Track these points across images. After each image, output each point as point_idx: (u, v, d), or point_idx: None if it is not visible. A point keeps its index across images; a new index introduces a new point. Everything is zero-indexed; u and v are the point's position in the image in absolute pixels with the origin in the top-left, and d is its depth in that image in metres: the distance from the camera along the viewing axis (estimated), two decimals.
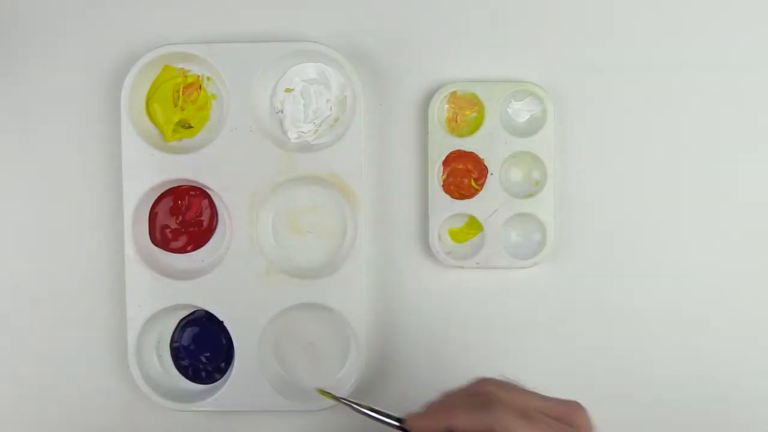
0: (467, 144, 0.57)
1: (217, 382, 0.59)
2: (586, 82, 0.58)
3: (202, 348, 0.59)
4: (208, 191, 0.59)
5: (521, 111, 0.58)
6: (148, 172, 0.57)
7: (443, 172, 0.57)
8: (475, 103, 0.57)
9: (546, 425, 0.42)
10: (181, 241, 0.59)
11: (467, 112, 0.58)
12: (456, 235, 0.58)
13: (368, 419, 0.48)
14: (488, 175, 0.57)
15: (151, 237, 0.59)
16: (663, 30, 0.58)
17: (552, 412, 0.43)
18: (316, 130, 0.58)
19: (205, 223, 0.59)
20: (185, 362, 0.59)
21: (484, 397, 0.42)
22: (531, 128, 0.57)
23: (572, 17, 0.58)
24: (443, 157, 0.57)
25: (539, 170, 0.57)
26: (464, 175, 0.57)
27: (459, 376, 0.59)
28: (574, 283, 0.58)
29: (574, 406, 0.43)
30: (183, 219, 0.59)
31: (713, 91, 0.58)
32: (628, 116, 0.58)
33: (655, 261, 0.58)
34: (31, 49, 0.59)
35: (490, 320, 0.59)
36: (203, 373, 0.59)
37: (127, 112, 0.56)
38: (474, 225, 0.58)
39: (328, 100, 0.58)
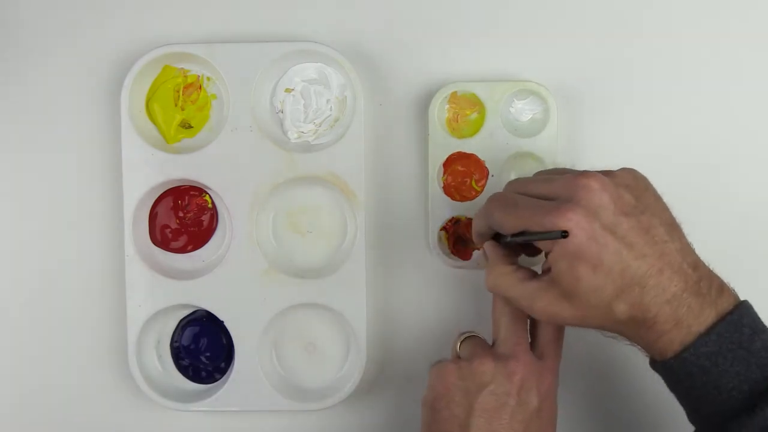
0: (468, 145, 0.57)
1: (217, 382, 0.59)
2: (588, 80, 0.58)
3: (202, 348, 0.59)
4: (208, 191, 0.58)
5: (524, 110, 0.58)
6: (148, 172, 0.57)
7: (444, 174, 0.57)
8: (475, 103, 0.57)
9: (524, 209, 0.45)
10: (181, 241, 0.59)
11: (468, 113, 0.58)
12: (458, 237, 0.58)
13: None
14: (489, 177, 0.57)
15: (151, 237, 0.59)
16: (665, 29, 0.58)
17: (555, 190, 0.44)
18: (316, 130, 0.58)
19: (205, 223, 0.59)
20: (185, 362, 0.59)
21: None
22: (533, 128, 0.57)
23: (573, 16, 0.58)
24: (444, 159, 0.57)
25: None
26: (465, 176, 0.57)
27: None
28: None
29: (575, 180, 0.44)
30: (183, 219, 0.59)
31: (716, 91, 0.58)
32: (631, 114, 0.58)
33: None
34: (31, 50, 0.59)
35: (490, 321, 0.59)
36: (203, 373, 0.59)
37: (127, 112, 0.56)
38: None
39: (328, 100, 0.58)
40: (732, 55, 0.58)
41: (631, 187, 0.44)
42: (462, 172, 0.57)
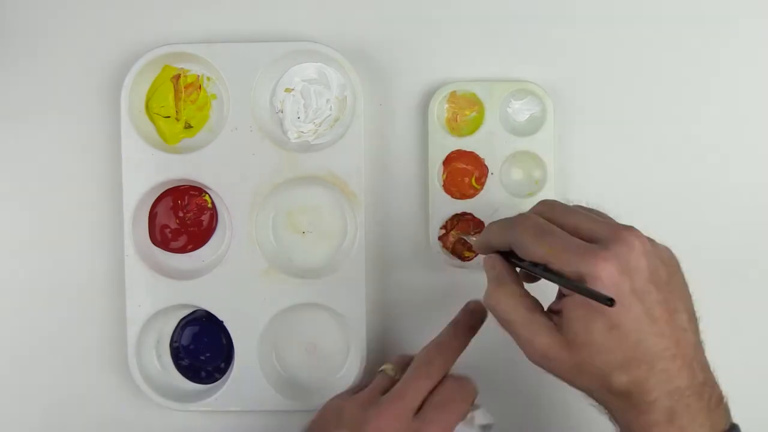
0: (467, 144, 0.57)
1: (217, 382, 0.59)
2: (586, 82, 0.58)
3: (202, 348, 0.59)
4: (208, 191, 0.59)
5: (521, 110, 0.58)
6: (148, 172, 0.57)
7: (443, 172, 0.57)
8: (474, 102, 0.57)
9: (559, 241, 0.41)
10: (181, 241, 0.59)
11: (467, 112, 0.58)
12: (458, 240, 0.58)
13: None
14: (489, 175, 0.57)
15: (151, 237, 0.59)
16: (663, 30, 0.58)
17: (596, 232, 0.42)
18: (316, 130, 0.58)
19: (205, 223, 0.59)
20: (185, 362, 0.59)
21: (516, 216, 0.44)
22: (531, 127, 0.57)
23: (572, 17, 0.58)
24: (443, 157, 0.57)
25: (540, 169, 0.57)
26: (465, 174, 0.57)
27: None
28: None
29: (619, 231, 0.41)
30: (183, 219, 0.59)
31: (714, 90, 0.58)
32: (628, 114, 0.58)
33: None
34: (31, 49, 0.59)
35: (489, 320, 0.59)
36: (203, 373, 0.59)
37: (127, 112, 0.56)
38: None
39: (328, 100, 0.58)
40: (732, 55, 0.58)
41: (666, 263, 0.42)
42: (462, 170, 0.57)
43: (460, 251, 0.58)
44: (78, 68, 0.59)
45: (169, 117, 0.58)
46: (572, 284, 0.41)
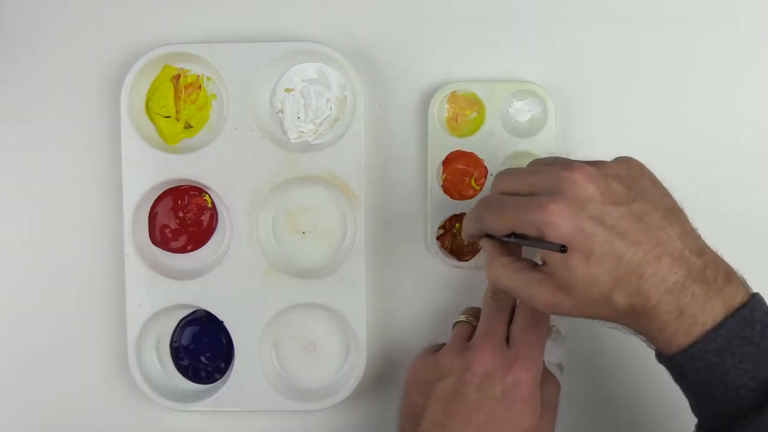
0: (467, 144, 0.57)
1: (217, 382, 0.59)
2: (586, 82, 0.58)
3: (202, 348, 0.59)
4: (208, 191, 0.59)
5: (522, 111, 0.58)
6: (148, 172, 0.57)
7: (443, 172, 0.57)
8: (475, 103, 0.57)
9: (512, 208, 0.44)
10: (181, 241, 0.59)
11: (467, 112, 0.58)
12: (456, 235, 0.58)
13: None
14: (488, 176, 0.57)
15: (151, 237, 0.59)
16: (663, 29, 0.58)
17: (543, 184, 0.43)
18: (316, 130, 0.58)
19: (205, 223, 0.59)
20: (185, 362, 0.59)
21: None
22: (532, 128, 0.57)
23: (573, 17, 0.58)
24: (443, 157, 0.57)
25: None
26: (464, 175, 0.57)
27: None
28: None
29: (559, 172, 0.43)
30: (183, 219, 0.59)
31: (714, 90, 0.58)
32: (628, 114, 0.58)
33: None
34: (31, 49, 0.60)
35: None
36: (203, 373, 0.59)
37: (127, 112, 0.56)
38: None
39: (328, 100, 0.58)
40: (732, 55, 0.58)
41: (622, 176, 0.43)
42: (461, 171, 0.57)
43: (458, 251, 0.58)
44: (78, 68, 0.59)
45: (169, 117, 0.58)
46: (534, 243, 0.43)
